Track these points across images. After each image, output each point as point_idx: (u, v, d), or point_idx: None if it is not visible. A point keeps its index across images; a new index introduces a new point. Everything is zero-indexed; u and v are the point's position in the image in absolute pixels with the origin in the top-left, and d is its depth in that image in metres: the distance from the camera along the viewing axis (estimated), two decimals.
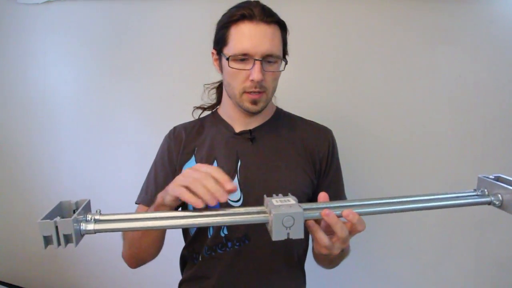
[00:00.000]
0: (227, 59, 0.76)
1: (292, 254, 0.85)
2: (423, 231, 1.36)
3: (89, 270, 1.51)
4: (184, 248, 0.89)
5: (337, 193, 0.87)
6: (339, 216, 0.56)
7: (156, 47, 1.40)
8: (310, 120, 0.92)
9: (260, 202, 0.58)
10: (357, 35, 1.32)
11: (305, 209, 0.54)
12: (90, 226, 0.53)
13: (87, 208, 0.56)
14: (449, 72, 1.32)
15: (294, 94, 1.31)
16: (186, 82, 1.35)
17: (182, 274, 0.90)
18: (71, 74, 1.45)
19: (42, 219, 0.49)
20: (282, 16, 0.82)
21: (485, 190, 0.63)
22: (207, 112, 0.95)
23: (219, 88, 0.93)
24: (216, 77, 0.91)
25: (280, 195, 0.58)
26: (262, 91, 0.77)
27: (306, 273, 0.91)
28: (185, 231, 0.88)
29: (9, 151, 1.49)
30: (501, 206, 0.61)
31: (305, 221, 0.55)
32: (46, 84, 1.45)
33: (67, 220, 0.49)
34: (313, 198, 0.86)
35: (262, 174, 0.80)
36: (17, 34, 1.44)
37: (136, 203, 0.86)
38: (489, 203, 0.61)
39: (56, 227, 0.49)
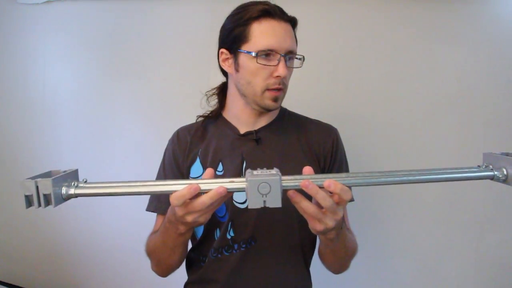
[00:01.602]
0: (256, 54, 0.74)
1: (298, 255, 0.84)
2: (423, 231, 1.35)
3: (89, 270, 1.51)
4: (191, 250, 0.88)
5: None
6: (321, 186, 0.54)
7: (156, 47, 1.40)
8: (315, 119, 0.92)
9: None
10: (358, 35, 1.32)
11: (283, 179, 0.53)
12: (71, 190, 0.55)
13: (74, 177, 0.58)
14: (449, 72, 1.32)
15: (293, 94, 1.31)
16: (186, 82, 1.35)
17: (188, 275, 0.90)
18: (71, 74, 1.45)
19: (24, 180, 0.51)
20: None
21: (490, 166, 0.59)
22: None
23: (221, 92, 0.92)
24: (215, 79, 0.91)
25: (264, 168, 0.56)
26: (282, 88, 0.78)
27: (311, 274, 0.91)
28: (192, 234, 0.87)
29: (9, 151, 1.49)
30: (506, 180, 0.56)
31: (286, 191, 0.54)
32: (46, 84, 1.45)
33: (46, 180, 0.51)
34: None
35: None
36: (17, 34, 1.44)
37: (149, 211, 0.85)
38: (492, 177, 0.57)
39: (37, 187, 0.51)
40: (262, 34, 0.75)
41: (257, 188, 0.50)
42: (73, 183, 0.56)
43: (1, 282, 1.51)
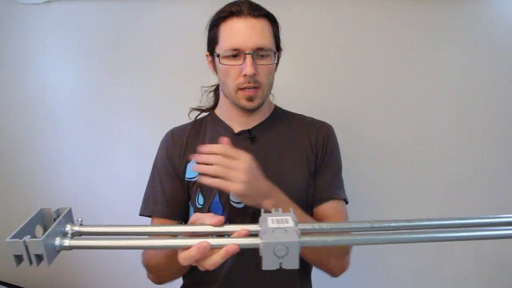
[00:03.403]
0: (218, 56, 0.76)
1: None
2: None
3: (89, 270, 1.51)
4: None
5: (327, 185, 0.83)
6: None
7: (156, 47, 1.40)
8: (309, 117, 0.92)
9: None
10: (357, 35, 1.32)
11: (303, 233, 0.46)
12: (66, 242, 0.48)
13: (68, 218, 0.51)
14: (449, 72, 1.32)
15: (293, 94, 1.31)
16: (186, 82, 1.35)
17: (183, 278, 0.89)
18: (71, 74, 1.44)
19: (11, 237, 0.44)
20: (282, 16, 0.83)
21: None
22: (203, 114, 0.94)
23: (216, 90, 0.93)
24: (215, 78, 0.91)
25: (280, 210, 0.52)
26: (257, 86, 0.77)
27: (311, 274, 0.91)
28: None
29: (9, 151, 1.49)
30: None
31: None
32: (46, 84, 1.45)
33: (37, 241, 0.44)
34: (313, 194, 0.84)
35: (263, 173, 0.80)
36: (17, 34, 1.44)
37: (143, 215, 0.84)
38: None
39: (26, 247, 0.44)
40: (226, 34, 0.76)
41: (273, 251, 0.44)
42: (67, 230, 0.50)
43: (1, 282, 1.51)
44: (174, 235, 0.54)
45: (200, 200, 0.80)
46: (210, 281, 0.81)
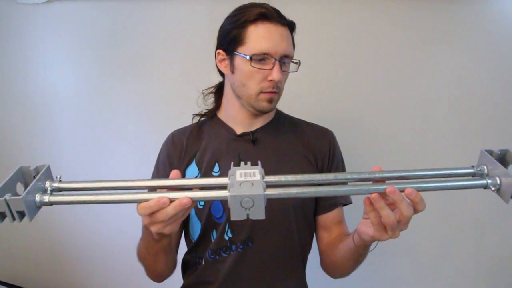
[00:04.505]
0: (251, 58, 0.75)
1: (296, 257, 0.84)
2: (423, 231, 1.35)
3: (89, 270, 1.51)
4: (187, 253, 0.88)
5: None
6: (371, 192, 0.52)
7: (156, 47, 1.40)
8: (310, 122, 0.92)
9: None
10: (357, 36, 1.32)
11: (268, 185, 0.50)
12: (46, 198, 0.51)
13: (48, 175, 0.55)
14: (449, 72, 1.32)
15: (293, 94, 1.31)
16: (186, 82, 1.35)
17: (183, 279, 0.90)
18: (71, 74, 1.44)
19: None
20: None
21: (485, 168, 0.55)
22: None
23: (217, 92, 0.92)
24: (215, 78, 0.91)
25: (248, 163, 0.55)
26: (277, 91, 0.78)
27: (307, 276, 0.91)
28: (187, 235, 0.87)
29: (9, 151, 1.49)
30: (499, 190, 0.53)
31: (370, 193, 0.52)
32: (46, 84, 1.45)
33: (18, 199, 0.47)
34: (316, 199, 0.86)
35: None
36: (17, 34, 1.44)
37: None
38: (485, 186, 0.53)
39: (8, 205, 0.47)
40: (258, 37, 0.75)
41: (240, 203, 0.48)
42: (47, 186, 0.53)
43: (1, 282, 1.51)
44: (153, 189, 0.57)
45: (201, 201, 0.81)
46: (209, 282, 0.81)
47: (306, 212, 0.84)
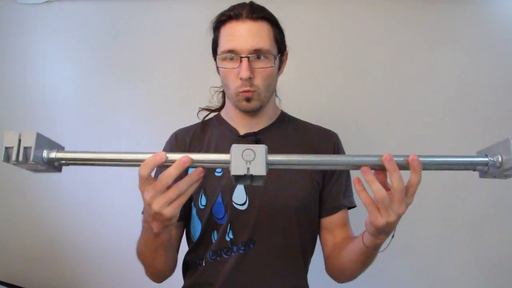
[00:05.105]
0: (215, 58, 0.77)
1: (298, 259, 0.84)
2: (423, 231, 1.35)
3: (89, 270, 1.51)
4: (187, 254, 0.88)
5: (341, 194, 0.85)
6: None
7: (157, 47, 1.40)
8: (315, 124, 0.92)
9: (265, 205, 0.56)
10: (357, 36, 1.32)
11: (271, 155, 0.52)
12: (52, 154, 0.54)
13: (60, 148, 0.58)
14: (449, 72, 1.32)
15: (294, 95, 1.31)
16: (187, 82, 1.36)
17: (184, 280, 0.89)
18: (71, 74, 1.45)
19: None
20: (283, 17, 0.82)
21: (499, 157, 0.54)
22: (212, 114, 0.94)
23: (223, 90, 0.93)
24: (215, 78, 0.91)
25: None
26: (253, 90, 0.76)
27: (308, 277, 0.90)
28: (188, 236, 0.87)
29: None
30: (500, 167, 0.53)
31: (361, 167, 0.53)
32: (46, 84, 1.45)
33: (31, 132, 0.50)
34: (320, 202, 0.85)
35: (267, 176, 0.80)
36: (17, 34, 1.44)
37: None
38: (487, 163, 0.54)
39: (20, 140, 0.49)
40: (224, 37, 0.76)
41: (241, 154, 0.49)
42: (56, 150, 0.56)
43: (1, 282, 1.51)
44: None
45: (203, 200, 0.80)
46: (210, 284, 0.81)
47: (309, 214, 0.84)
